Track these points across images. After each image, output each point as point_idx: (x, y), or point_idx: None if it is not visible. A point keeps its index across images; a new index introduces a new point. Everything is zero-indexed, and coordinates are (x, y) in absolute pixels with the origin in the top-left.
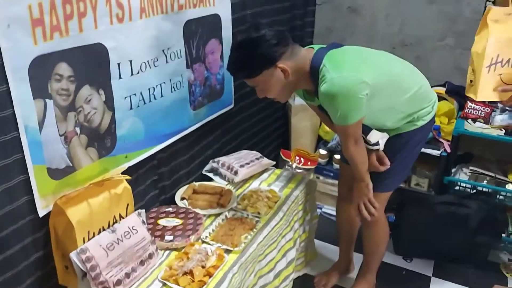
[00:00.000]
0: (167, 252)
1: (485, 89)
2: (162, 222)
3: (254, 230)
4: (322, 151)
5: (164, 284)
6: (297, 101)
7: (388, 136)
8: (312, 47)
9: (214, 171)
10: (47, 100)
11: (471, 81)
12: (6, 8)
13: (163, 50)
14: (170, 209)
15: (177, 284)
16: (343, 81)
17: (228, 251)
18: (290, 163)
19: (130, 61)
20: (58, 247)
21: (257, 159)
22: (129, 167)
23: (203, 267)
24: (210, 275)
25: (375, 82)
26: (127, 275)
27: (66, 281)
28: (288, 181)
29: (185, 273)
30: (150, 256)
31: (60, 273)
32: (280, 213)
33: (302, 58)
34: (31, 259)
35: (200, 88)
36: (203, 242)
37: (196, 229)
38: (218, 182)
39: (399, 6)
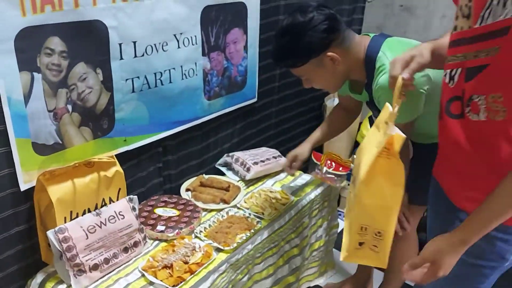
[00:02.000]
0: (157, 242)
1: None
2: (158, 211)
3: (252, 231)
4: None
5: (143, 275)
6: (336, 102)
7: None
8: (368, 34)
9: (228, 165)
10: (35, 74)
11: None
12: None
13: (174, 35)
14: (171, 199)
15: (155, 276)
16: None
17: (218, 250)
18: (320, 166)
19: (134, 43)
20: (41, 224)
21: (274, 157)
22: (129, 151)
23: (185, 262)
24: (191, 272)
25: (434, 78)
26: (106, 260)
27: (49, 259)
28: (304, 185)
29: (165, 267)
30: (136, 244)
31: (43, 250)
32: (287, 216)
33: (355, 45)
34: (11, 232)
35: (217, 78)
36: (196, 236)
37: (191, 222)
38: (230, 177)
39: None
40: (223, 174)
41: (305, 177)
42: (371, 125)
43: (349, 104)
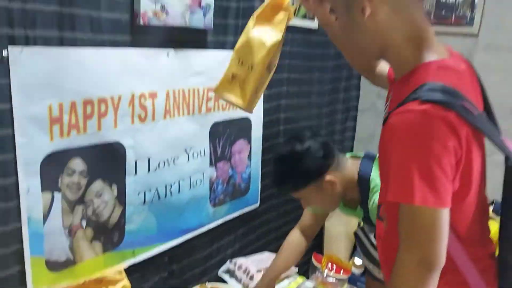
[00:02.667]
0: None
1: None
2: None
3: None
4: (358, 261)
5: None
6: None
7: None
8: (357, 156)
9: (231, 272)
10: (55, 193)
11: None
12: (26, 107)
13: (185, 149)
14: None
15: None
16: None
17: None
18: (321, 269)
19: (148, 159)
20: None
21: None
22: (137, 263)
23: None
24: None
25: None
26: None
27: None
28: None
29: None
30: None
31: None
32: None
33: (348, 167)
34: None
35: (222, 186)
36: None
37: None
38: (233, 285)
39: None
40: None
41: (308, 284)
42: (362, 231)
43: (310, 223)
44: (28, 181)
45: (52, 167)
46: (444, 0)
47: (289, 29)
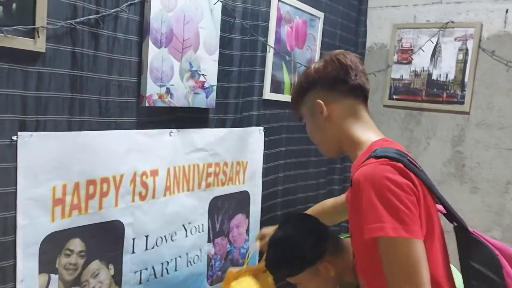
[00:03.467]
0: None
1: None
2: None
3: None
4: None
5: None
6: None
7: None
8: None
9: None
10: (52, 275)
11: None
12: (31, 189)
13: (183, 225)
14: None
15: None
16: None
17: None
18: None
19: (146, 236)
20: None
21: None
22: None
23: None
24: None
25: None
26: None
27: None
28: None
29: None
30: None
31: None
32: None
33: (347, 250)
34: None
35: (220, 262)
36: None
37: None
38: None
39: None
40: None
41: None
42: None
43: None
44: (26, 263)
45: (51, 248)
46: (436, 79)
47: (287, 105)
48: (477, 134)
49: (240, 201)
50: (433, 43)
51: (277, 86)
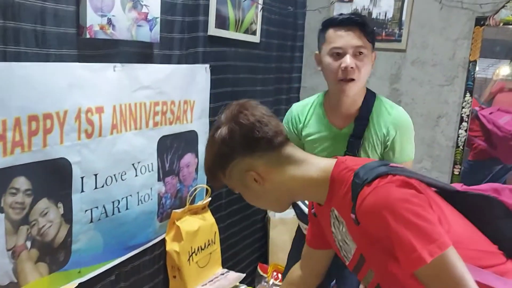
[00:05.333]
0: None
1: None
2: None
3: None
4: None
5: None
6: (277, 215)
7: None
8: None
9: None
10: None
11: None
12: None
13: (132, 164)
14: None
15: None
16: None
17: None
18: (267, 278)
19: (95, 175)
20: None
21: (222, 274)
22: (83, 282)
23: None
24: None
25: None
26: None
27: None
28: None
29: None
30: None
31: None
32: None
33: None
34: None
35: (170, 200)
36: None
37: None
38: None
39: None
40: None
41: None
42: None
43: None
44: None
45: None
46: (375, 17)
47: (232, 43)
48: (412, 71)
49: (189, 140)
50: None
51: (222, 22)
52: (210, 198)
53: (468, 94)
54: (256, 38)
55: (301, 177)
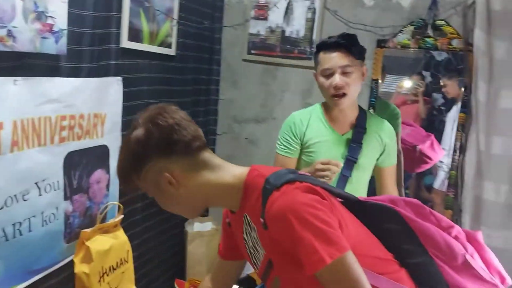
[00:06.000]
0: None
1: None
2: None
3: None
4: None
5: None
6: (195, 227)
7: None
8: None
9: None
10: None
11: None
12: None
13: (36, 183)
14: None
15: None
16: None
17: None
18: None
19: None
20: None
21: None
22: None
23: None
24: None
25: None
26: None
27: None
28: None
29: None
30: None
31: None
32: None
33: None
34: None
35: (79, 219)
36: None
37: None
38: None
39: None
40: None
41: None
42: None
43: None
44: None
45: None
46: (288, 35)
47: (147, 56)
48: None
49: (99, 155)
50: (285, 0)
51: (135, 35)
52: (122, 215)
53: (371, 110)
54: (171, 51)
55: (216, 182)
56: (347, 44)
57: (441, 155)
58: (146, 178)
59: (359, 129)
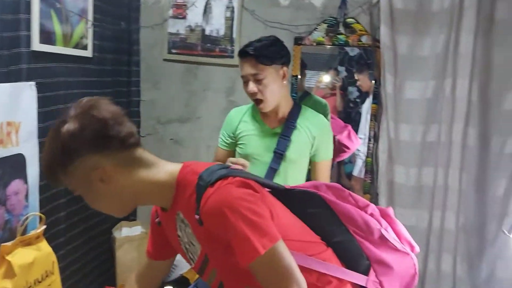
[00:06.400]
0: None
1: None
2: None
3: None
4: None
5: None
6: (124, 232)
7: None
8: None
9: None
10: None
11: None
12: None
13: None
14: None
15: None
16: None
17: None
18: None
19: None
20: None
21: None
22: None
23: None
24: None
25: None
26: None
27: None
28: None
29: None
30: None
31: None
32: None
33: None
34: None
35: None
36: None
37: None
38: None
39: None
40: None
41: None
42: None
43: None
44: None
45: None
46: (209, 34)
47: (62, 59)
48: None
49: (15, 165)
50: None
51: (47, 37)
52: (45, 226)
53: None
54: (88, 53)
55: (149, 180)
56: (254, 53)
57: (357, 144)
58: (75, 174)
59: (289, 124)
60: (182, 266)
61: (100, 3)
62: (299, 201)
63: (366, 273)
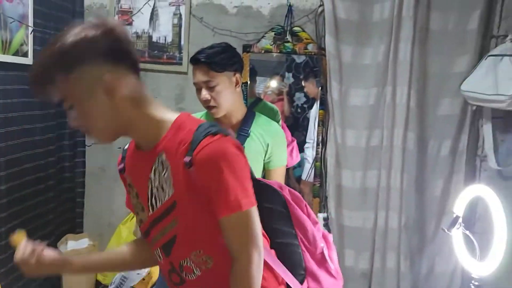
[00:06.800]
0: None
1: None
2: None
3: None
4: None
5: None
6: (70, 246)
7: None
8: None
9: None
10: None
11: None
12: None
13: None
14: None
15: None
16: None
17: None
18: None
19: None
20: None
21: None
22: None
23: None
24: None
25: None
26: None
27: None
28: None
29: None
30: None
31: None
32: None
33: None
34: None
35: None
36: None
37: None
38: None
39: None
40: None
41: None
42: None
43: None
44: None
45: None
46: (156, 41)
47: (1, 66)
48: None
49: None
50: (150, 6)
51: None
52: None
53: None
54: (28, 60)
55: (147, 112)
56: (206, 60)
57: (296, 161)
58: (78, 80)
59: (242, 132)
60: (133, 277)
61: (41, 8)
62: (260, 193)
63: (301, 283)
